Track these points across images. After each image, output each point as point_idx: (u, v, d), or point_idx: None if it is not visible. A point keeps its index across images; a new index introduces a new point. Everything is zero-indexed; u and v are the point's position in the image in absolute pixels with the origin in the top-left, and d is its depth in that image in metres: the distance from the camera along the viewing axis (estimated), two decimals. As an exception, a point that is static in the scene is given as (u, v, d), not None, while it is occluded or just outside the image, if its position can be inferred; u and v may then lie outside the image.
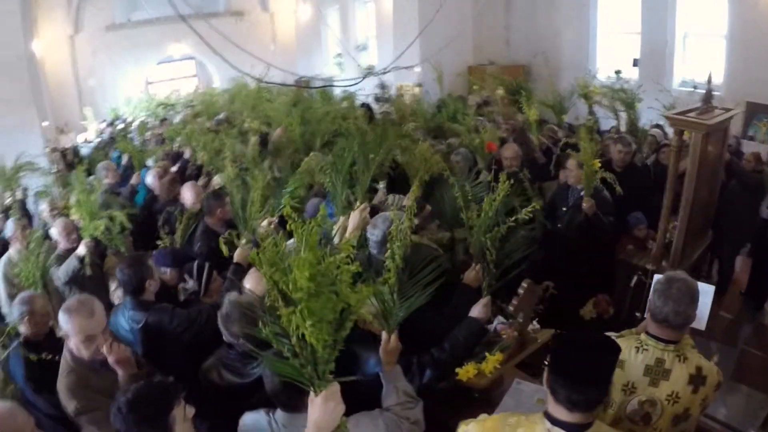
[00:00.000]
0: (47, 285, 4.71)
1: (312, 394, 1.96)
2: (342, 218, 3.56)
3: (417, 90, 12.61)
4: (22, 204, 6.83)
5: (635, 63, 10.54)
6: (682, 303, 2.46)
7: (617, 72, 9.74)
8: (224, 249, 3.49)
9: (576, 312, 5.16)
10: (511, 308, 3.11)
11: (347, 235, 3.19)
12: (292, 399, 2.20)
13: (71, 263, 4.71)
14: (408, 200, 4.80)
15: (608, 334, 2.67)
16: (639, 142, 6.76)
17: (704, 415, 3.49)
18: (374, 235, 3.28)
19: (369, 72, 6.48)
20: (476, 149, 6.10)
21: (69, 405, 2.84)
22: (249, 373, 2.79)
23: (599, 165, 4.95)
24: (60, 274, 4.78)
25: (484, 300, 3.10)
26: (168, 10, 5.77)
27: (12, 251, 5.16)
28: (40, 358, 3.28)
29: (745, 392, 3.97)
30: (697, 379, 2.51)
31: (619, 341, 2.59)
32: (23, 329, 3.57)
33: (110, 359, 2.84)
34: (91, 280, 4.77)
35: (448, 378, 3.04)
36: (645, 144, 6.93)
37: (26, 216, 6.20)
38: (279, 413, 2.35)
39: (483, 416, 2.25)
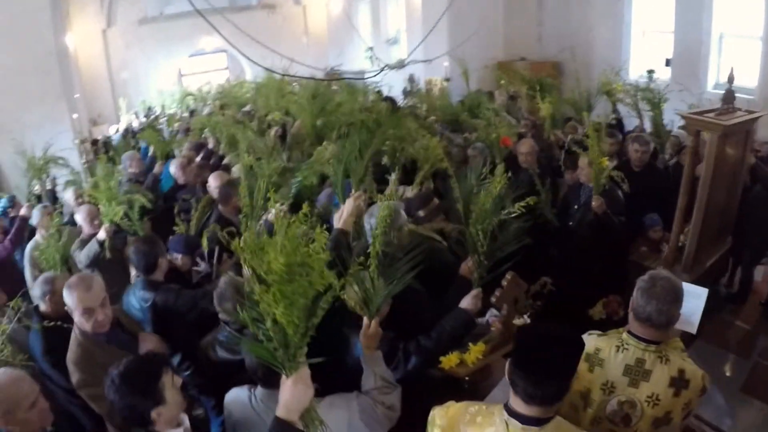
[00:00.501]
0: (71, 268, 4.90)
1: (284, 376, 2.03)
2: (342, 206, 3.62)
3: (445, 84, 12.59)
4: (52, 193, 7.10)
5: (668, 63, 10.28)
6: (665, 302, 2.42)
7: (649, 72, 9.53)
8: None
9: (585, 312, 5.10)
10: (493, 299, 3.13)
11: (340, 222, 3.24)
12: (268, 376, 2.28)
13: (92, 247, 4.91)
14: (410, 192, 4.87)
15: (593, 332, 2.70)
16: (662, 143, 6.65)
17: (707, 423, 3.48)
18: (369, 223, 3.34)
19: (387, 65, 6.47)
20: (492, 144, 6.08)
21: (73, 377, 3.01)
22: (240, 350, 2.88)
23: (606, 163, 4.87)
24: (82, 257, 4.98)
25: (474, 291, 3.11)
26: (200, 3, 5.89)
27: (38, 237, 5.40)
28: (56, 330, 3.38)
29: (756, 406, 3.88)
30: (679, 382, 2.46)
31: (600, 339, 2.62)
32: (43, 307, 3.73)
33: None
34: (111, 264, 4.95)
35: (433, 366, 3.09)
36: (668, 145, 6.81)
37: (55, 204, 6.43)
38: (259, 389, 2.45)
39: (450, 403, 2.27)
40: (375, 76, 7.35)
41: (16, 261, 6.05)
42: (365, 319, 2.63)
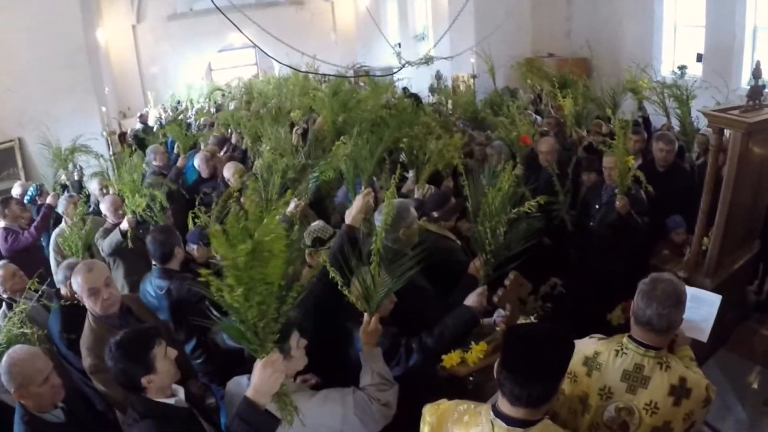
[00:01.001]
0: (93, 256, 5.06)
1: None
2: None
3: (471, 81, 12.52)
4: (79, 183, 7.27)
5: (699, 58, 9.91)
6: (666, 305, 2.33)
7: (681, 68, 9.24)
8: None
9: (603, 316, 4.99)
10: (495, 299, 3.09)
11: (349, 218, 3.25)
12: None
13: (115, 236, 5.05)
14: (419, 191, 4.85)
15: (594, 335, 2.64)
16: (689, 142, 6.49)
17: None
18: (378, 220, 3.33)
19: (408, 62, 6.44)
20: (512, 142, 6.03)
21: (85, 362, 3.11)
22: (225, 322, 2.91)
23: (632, 162, 4.77)
24: (104, 246, 5.14)
25: (480, 289, 3.07)
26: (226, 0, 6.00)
27: (63, 225, 5.57)
28: (73, 312, 3.52)
29: (780, 421, 3.71)
30: (679, 391, 2.36)
31: (601, 343, 2.55)
32: (64, 291, 3.87)
33: None
34: (132, 253, 5.06)
35: (435, 363, 3.08)
36: (695, 144, 6.65)
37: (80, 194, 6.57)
38: None
39: (442, 400, 2.25)
40: (396, 72, 7.32)
41: (42, 247, 6.23)
42: (365, 316, 2.63)
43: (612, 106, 7.36)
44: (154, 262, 4.03)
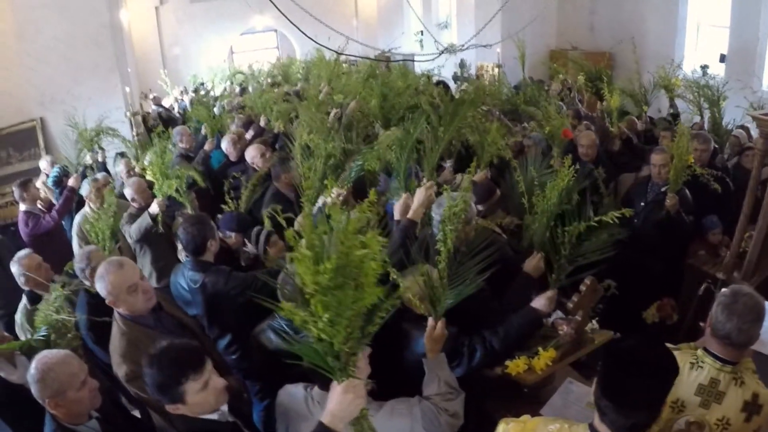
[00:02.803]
0: (120, 242, 4.90)
1: (334, 381, 1.90)
2: (404, 195, 3.49)
3: (496, 71, 12.33)
4: (103, 165, 7.16)
5: (722, 59, 9.80)
6: (746, 320, 2.25)
7: (703, 67, 9.11)
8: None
9: (638, 314, 4.94)
10: (570, 305, 2.95)
11: (411, 212, 3.11)
12: (326, 378, 2.16)
13: (144, 221, 4.87)
14: (465, 182, 4.70)
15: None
16: (721, 143, 6.37)
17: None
18: (437, 213, 3.17)
19: (446, 49, 6.29)
20: (549, 135, 5.87)
21: (120, 370, 2.87)
22: (297, 341, 2.78)
23: (692, 160, 4.70)
24: (133, 231, 4.96)
25: (550, 293, 2.95)
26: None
27: (86, 209, 5.42)
28: (100, 307, 3.27)
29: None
30: (751, 407, 2.30)
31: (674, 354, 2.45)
32: (87, 282, 3.68)
33: None
34: (160, 239, 4.93)
35: (497, 365, 2.94)
36: (728, 145, 6.49)
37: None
38: (316, 390, 2.31)
39: (525, 417, 2.12)
40: (434, 59, 7.16)
41: (64, 231, 6.13)
42: (430, 320, 2.46)
43: (644, 102, 7.20)
44: (186, 254, 3.85)
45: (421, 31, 16.16)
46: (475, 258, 2.54)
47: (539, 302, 2.94)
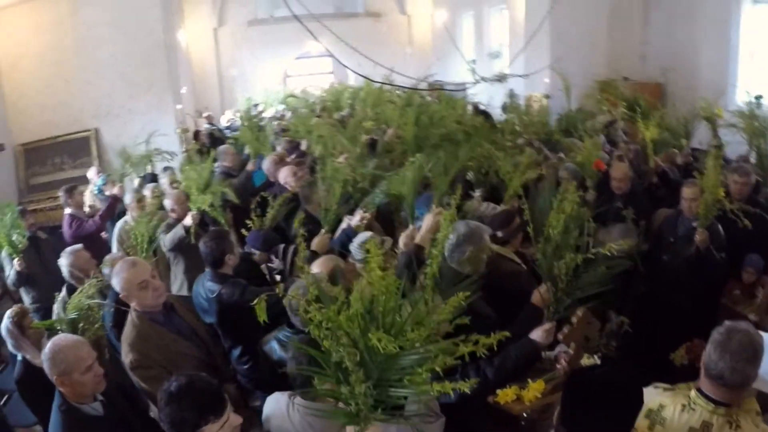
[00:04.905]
0: (156, 250, 5.12)
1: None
2: (410, 227, 3.53)
3: (544, 101, 12.27)
4: (151, 176, 7.48)
5: None
6: (740, 359, 2.13)
7: (757, 97, 8.81)
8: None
9: (666, 355, 4.70)
10: (560, 337, 2.91)
11: (418, 237, 3.14)
12: (307, 385, 2.19)
13: (177, 232, 5.12)
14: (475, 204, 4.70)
15: (659, 385, 2.44)
16: (766, 177, 6.08)
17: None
18: (449, 239, 3.20)
19: (484, 78, 6.33)
20: (580, 166, 5.80)
21: (126, 358, 3.09)
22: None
23: (723, 194, 4.54)
24: (166, 241, 5.20)
25: (547, 325, 2.90)
26: (309, 7, 6.10)
27: (128, 217, 5.72)
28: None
29: None
30: None
31: (666, 395, 2.35)
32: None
33: None
34: (193, 250, 5.08)
35: (489, 394, 2.91)
36: (774, 180, 6.24)
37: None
38: (299, 398, 2.36)
39: None
40: (470, 88, 7.22)
41: (108, 235, 6.43)
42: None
43: (685, 134, 7.01)
44: (206, 266, 4.03)
45: (474, 60, 16.23)
46: (463, 282, 2.53)
47: (536, 334, 2.89)
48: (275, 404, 2.48)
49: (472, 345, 1.80)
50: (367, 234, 3.92)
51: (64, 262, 4.38)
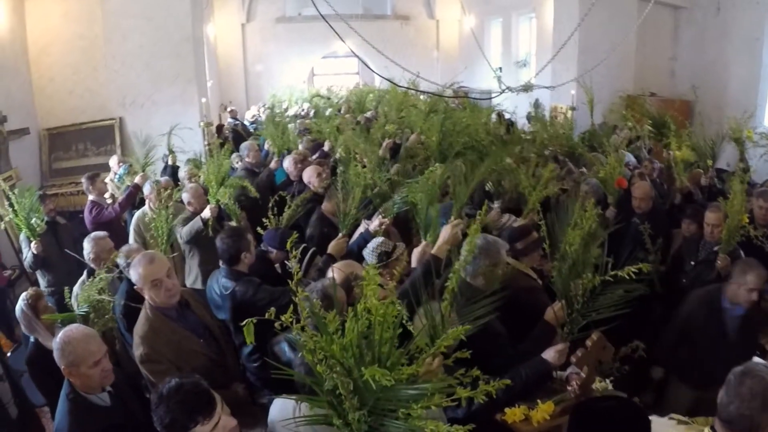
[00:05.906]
0: (173, 243, 5.15)
1: None
2: (423, 243, 3.50)
3: (569, 113, 12.15)
4: (172, 168, 7.53)
5: None
6: (750, 406, 2.05)
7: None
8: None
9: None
10: (573, 359, 2.86)
11: (435, 248, 3.10)
12: (313, 392, 2.17)
13: (195, 224, 5.15)
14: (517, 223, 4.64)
15: (674, 416, 2.38)
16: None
17: None
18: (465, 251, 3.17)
19: (509, 87, 6.27)
20: (602, 182, 5.73)
21: (137, 350, 3.08)
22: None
23: (747, 220, 4.46)
24: (183, 233, 5.23)
25: (561, 346, 2.87)
26: (338, 7, 6.11)
27: (146, 208, 5.76)
28: (138, 297, 3.51)
29: None
30: None
31: (681, 428, 2.31)
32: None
33: None
34: (209, 243, 5.09)
35: (497, 412, 2.87)
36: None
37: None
38: (304, 404, 2.34)
39: None
40: (496, 97, 7.17)
41: (126, 223, 6.48)
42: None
43: (710, 155, 6.86)
44: (221, 263, 4.04)
45: (500, 68, 16.12)
46: (483, 300, 2.49)
47: (549, 354, 2.85)
48: (282, 405, 2.45)
49: (470, 389, 1.80)
50: (379, 239, 3.90)
51: (87, 246, 4.44)
